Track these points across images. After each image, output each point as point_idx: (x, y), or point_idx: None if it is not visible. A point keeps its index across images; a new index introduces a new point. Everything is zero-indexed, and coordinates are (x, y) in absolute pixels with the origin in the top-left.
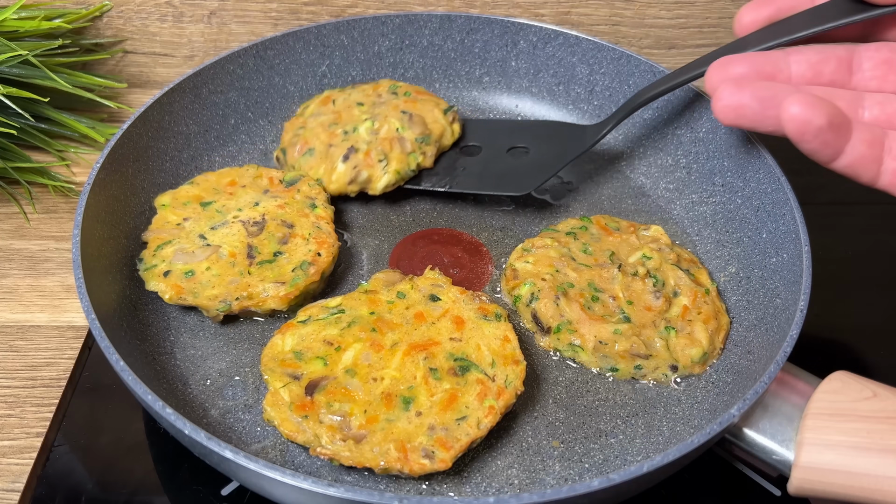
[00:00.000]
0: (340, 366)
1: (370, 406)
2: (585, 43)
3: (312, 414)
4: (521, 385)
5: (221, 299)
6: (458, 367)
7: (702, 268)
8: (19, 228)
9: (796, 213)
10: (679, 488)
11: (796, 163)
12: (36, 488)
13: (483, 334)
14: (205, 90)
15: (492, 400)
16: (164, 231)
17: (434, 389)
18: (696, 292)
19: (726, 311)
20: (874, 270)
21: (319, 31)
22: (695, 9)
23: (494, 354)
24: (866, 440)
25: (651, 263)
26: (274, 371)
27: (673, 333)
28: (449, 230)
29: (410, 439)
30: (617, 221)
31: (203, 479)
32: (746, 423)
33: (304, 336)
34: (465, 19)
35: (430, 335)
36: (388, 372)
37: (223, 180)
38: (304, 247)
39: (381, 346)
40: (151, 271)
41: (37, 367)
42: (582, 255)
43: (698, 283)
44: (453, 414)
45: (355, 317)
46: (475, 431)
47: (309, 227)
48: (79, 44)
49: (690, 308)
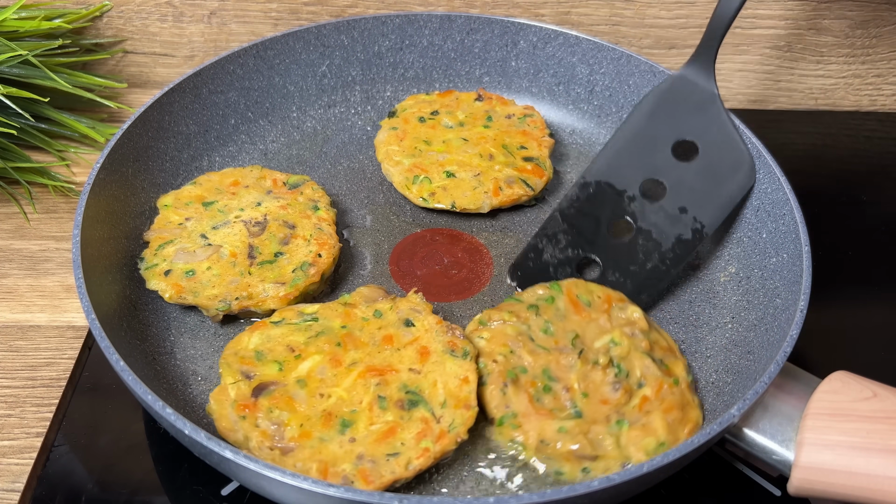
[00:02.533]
0: (294, 374)
1: (308, 421)
2: (585, 43)
3: (251, 416)
4: (465, 433)
5: (221, 299)
6: (408, 400)
7: (679, 358)
8: (19, 228)
9: (796, 213)
10: (679, 488)
11: (796, 163)
12: (36, 488)
13: (444, 370)
14: (205, 90)
15: (429, 442)
16: (166, 231)
17: (375, 419)
18: (662, 382)
19: (700, 407)
20: (874, 270)
21: (319, 31)
22: (695, 9)
23: (448, 394)
24: (866, 440)
25: (617, 351)
26: (230, 366)
27: (625, 427)
28: (449, 230)
29: (335, 463)
30: (591, 292)
31: (203, 479)
32: (746, 423)
33: (270, 337)
34: (465, 19)
35: (391, 361)
36: (336, 391)
37: (226, 180)
38: (304, 248)
39: (339, 363)
40: (152, 270)
41: (37, 367)
42: (542, 335)
43: (669, 373)
44: (386, 448)
45: (326, 327)
46: (401, 471)
47: (310, 228)
48: (79, 44)
49: (652, 399)
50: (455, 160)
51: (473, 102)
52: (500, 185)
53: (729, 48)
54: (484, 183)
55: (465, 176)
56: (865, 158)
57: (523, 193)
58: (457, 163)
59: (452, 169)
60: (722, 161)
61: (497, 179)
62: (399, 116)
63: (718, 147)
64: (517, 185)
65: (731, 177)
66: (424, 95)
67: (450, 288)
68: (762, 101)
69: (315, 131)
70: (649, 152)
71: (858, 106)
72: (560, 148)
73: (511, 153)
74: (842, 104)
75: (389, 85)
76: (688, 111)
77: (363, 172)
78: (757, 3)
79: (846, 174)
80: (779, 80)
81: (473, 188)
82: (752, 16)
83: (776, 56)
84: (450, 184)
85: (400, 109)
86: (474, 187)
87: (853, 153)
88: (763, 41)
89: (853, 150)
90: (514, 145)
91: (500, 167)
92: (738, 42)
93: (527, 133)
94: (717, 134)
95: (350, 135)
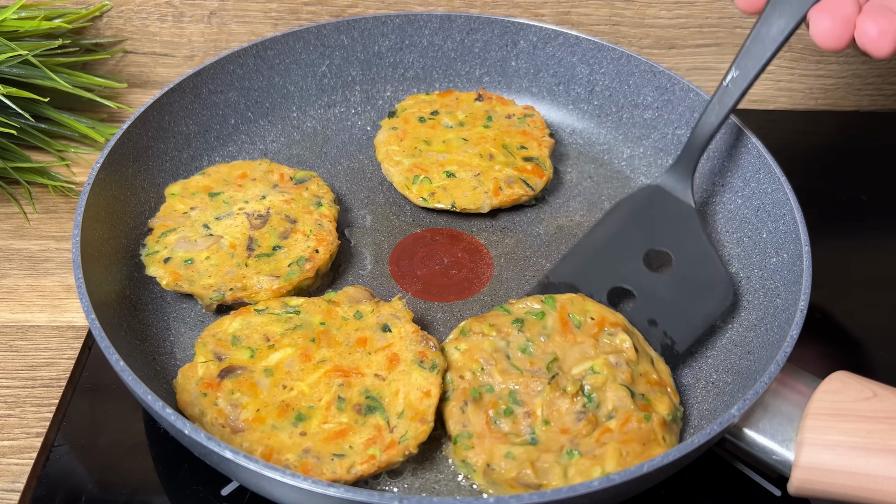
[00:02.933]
0: (263, 363)
1: (265, 407)
2: (585, 43)
3: (212, 394)
4: (416, 447)
5: (216, 289)
6: (366, 405)
7: (667, 395)
8: (19, 228)
9: (796, 213)
10: (679, 488)
11: (796, 163)
12: (36, 488)
13: (408, 381)
14: (205, 90)
15: (377, 450)
16: (170, 219)
17: (330, 418)
18: (631, 416)
19: (671, 445)
20: (874, 270)
21: (319, 31)
22: (695, 9)
23: (407, 405)
24: (866, 440)
25: (593, 380)
26: (205, 346)
27: (575, 457)
28: (449, 230)
29: (281, 451)
30: (585, 312)
31: (203, 479)
32: (746, 423)
33: (250, 324)
34: (465, 19)
35: (359, 364)
36: (300, 385)
37: (234, 172)
38: (303, 243)
39: (308, 358)
40: (153, 257)
41: (37, 367)
42: (519, 354)
43: (647, 408)
44: (334, 448)
45: (305, 322)
46: (342, 473)
47: (311, 223)
48: (79, 44)
49: (614, 431)
50: (455, 160)
51: (473, 102)
52: (501, 184)
53: (729, 48)
54: (484, 183)
55: (466, 176)
56: (865, 158)
57: (523, 193)
58: (457, 163)
59: (452, 169)
60: (697, 276)
61: (497, 179)
62: (399, 116)
63: (694, 262)
64: (517, 185)
65: (706, 295)
66: (424, 95)
67: (450, 288)
68: (762, 101)
69: (315, 131)
70: (619, 259)
71: (858, 106)
72: (560, 148)
73: (511, 153)
74: (842, 104)
75: (389, 85)
76: (663, 221)
77: (363, 172)
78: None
79: (846, 174)
80: (779, 80)
81: (473, 188)
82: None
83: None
84: (450, 184)
85: (400, 109)
86: (474, 187)
87: (853, 153)
88: None
89: (853, 150)
90: (514, 145)
91: (501, 167)
92: (738, 42)
93: (527, 133)
94: (693, 248)
95: (350, 135)
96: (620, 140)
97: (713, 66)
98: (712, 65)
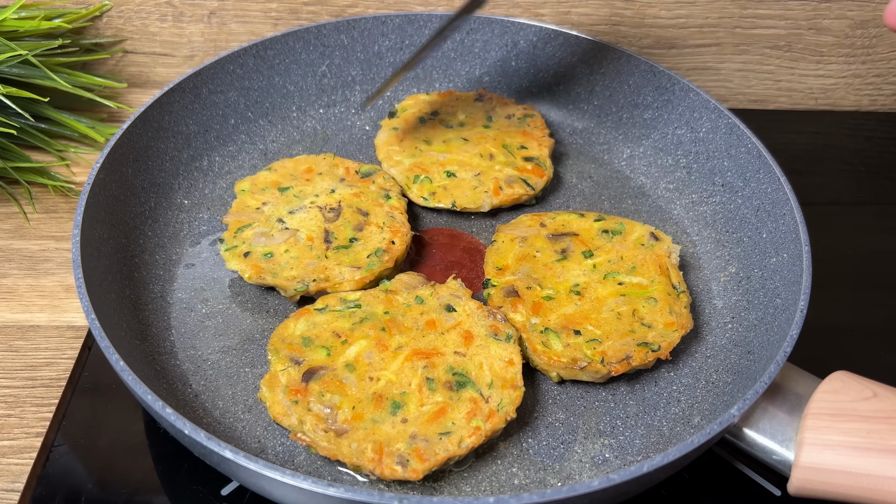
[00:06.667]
0: (342, 359)
1: (360, 403)
2: (585, 43)
3: (303, 400)
4: (514, 412)
5: (299, 280)
6: (455, 381)
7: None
8: (19, 228)
9: (796, 213)
10: (679, 488)
11: (796, 163)
12: (36, 488)
13: (489, 353)
14: (205, 90)
15: (480, 421)
16: (245, 214)
17: (426, 399)
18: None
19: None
20: (874, 270)
21: (319, 31)
22: (695, 9)
23: (494, 375)
24: (866, 440)
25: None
26: (279, 352)
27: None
28: (449, 230)
29: (390, 444)
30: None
31: (203, 479)
32: (746, 423)
33: (316, 324)
34: (466, 19)
35: (436, 345)
36: (385, 374)
37: (300, 167)
38: (378, 234)
39: (385, 347)
40: (232, 252)
41: (37, 367)
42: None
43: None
44: (438, 427)
45: (369, 313)
46: (455, 449)
47: (383, 216)
48: (79, 44)
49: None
50: (455, 160)
51: (473, 102)
52: (501, 184)
53: (729, 48)
54: (484, 182)
55: (466, 176)
56: (865, 158)
57: (523, 193)
58: (457, 162)
59: (453, 169)
60: None
61: (497, 179)
62: (399, 116)
63: None
64: (517, 185)
65: None
66: (424, 95)
67: None
68: (762, 101)
69: (315, 131)
70: None
71: (858, 106)
72: (560, 148)
73: (511, 153)
74: (842, 104)
75: None
76: None
77: None
78: (757, 2)
79: (846, 174)
80: (779, 80)
81: (474, 188)
82: (753, 16)
83: (776, 56)
84: (450, 183)
85: (400, 109)
86: (475, 187)
87: (853, 153)
88: (763, 41)
89: (853, 150)
90: (515, 145)
91: (501, 167)
92: (738, 42)
93: (527, 133)
94: None
95: (350, 135)
96: (620, 140)
97: (713, 66)
98: (712, 65)
